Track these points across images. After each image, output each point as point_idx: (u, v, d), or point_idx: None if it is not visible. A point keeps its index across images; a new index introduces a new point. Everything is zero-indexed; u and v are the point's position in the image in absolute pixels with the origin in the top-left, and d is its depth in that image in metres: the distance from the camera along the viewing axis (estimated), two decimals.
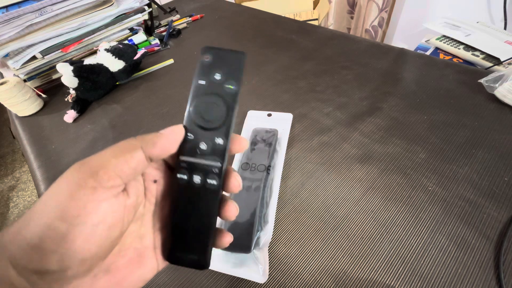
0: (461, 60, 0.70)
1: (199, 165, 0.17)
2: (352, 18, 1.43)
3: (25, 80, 0.59)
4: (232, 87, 0.17)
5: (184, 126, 0.17)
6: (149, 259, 0.17)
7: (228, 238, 0.18)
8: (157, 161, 0.17)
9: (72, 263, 0.13)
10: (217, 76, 0.17)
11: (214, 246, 0.18)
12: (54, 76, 0.63)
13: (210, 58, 0.18)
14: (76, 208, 0.13)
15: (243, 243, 0.29)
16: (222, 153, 0.17)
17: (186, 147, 0.17)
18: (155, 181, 0.18)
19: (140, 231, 0.17)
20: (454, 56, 0.71)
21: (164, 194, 0.18)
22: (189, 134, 0.17)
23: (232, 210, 0.18)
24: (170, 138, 0.16)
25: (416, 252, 0.28)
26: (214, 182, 0.17)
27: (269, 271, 0.28)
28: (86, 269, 0.14)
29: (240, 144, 0.18)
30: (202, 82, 0.17)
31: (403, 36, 1.32)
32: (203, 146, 0.17)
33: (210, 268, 0.28)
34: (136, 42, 0.69)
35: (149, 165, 0.16)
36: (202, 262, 0.17)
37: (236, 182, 0.18)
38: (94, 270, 0.14)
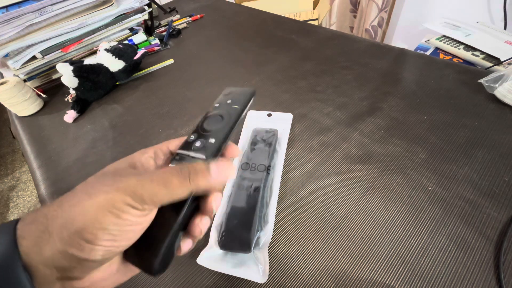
0: (461, 60, 0.70)
1: (188, 157, 0.19)
2: (355, 17, 1.43)
3: (25, 80, 0.59)
4: (237, 107, 0.22)
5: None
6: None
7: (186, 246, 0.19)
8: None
9: (112, 255, 0.16)
10: (228, 101, 0.22)
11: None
12: (54, 76, 0.63)
13: (228, 92, 0.23)
14: (127, 220, 0.15)
15: (243, 243, 0.29)
16: (211, 150, 0.19)
17: (184, 145, 0.20)
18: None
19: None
20: (454, 56, 0.71)
21: None
22: (192, 135, 0.20)
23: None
24: (219, 182, 0.18)
25: (416, 252, 0.28)
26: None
27: (269, 271, 0.28)
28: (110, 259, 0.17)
29: (232, 151, 0.21)
30: (216, 105, 0.22)
31: (403, 36, 1.32)
32: (197, 143, 0.20)
33: (210, 268, 0.28)
34: (136, 42, 0.69)
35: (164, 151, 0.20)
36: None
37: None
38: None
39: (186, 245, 0.19)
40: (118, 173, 0.17)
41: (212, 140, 0.20)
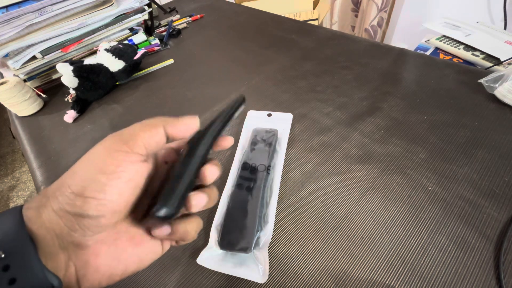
0: (461, 60, 0.70)
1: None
2: (356, 16, 1.43)
3: (25, 80, 0.59)
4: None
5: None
6: (146, 242, 0.19)
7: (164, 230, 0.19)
8: (171, 142, 0.20)
9: (106, 212, 0.16)
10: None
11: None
12: (54, 76, 0.63)
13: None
14: (113, 165, 0.16)
15: (243, 243, 0.29)
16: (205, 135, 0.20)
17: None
18: (166, 162, 0.21)
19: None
20: (454, 56, 0.71)
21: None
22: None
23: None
24: (187, 124, 0.19)
25: (416, 252, 0.28)
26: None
27: (269, 271, 0.28)
28: (114, 223, 0.17)
29: (226, 141, 0.21)
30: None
31: (403, 36, 1.32)
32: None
33: (210, 268, 0.29)
34: (136, 42, 0.69)
35: (165, 145, 0.19)
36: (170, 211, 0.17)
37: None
38: (116, 228, 0.17)
39: (199, 199, 0.18)
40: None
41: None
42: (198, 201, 0.18)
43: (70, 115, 0.52)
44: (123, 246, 0.17)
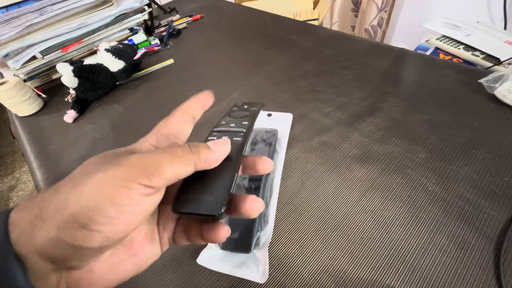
0: (461, 60, 0.70)
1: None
2: (356, 16, 1.43)
3: (25, 80, 0.59)
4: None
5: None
6: (156, 237, 0.18)
7: (224, 232, 0.19)
8: None
9: (111, 243, 0.14)
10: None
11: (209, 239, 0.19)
12: (54, 76, 0.63)
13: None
14: (127, 199, 0.14)
15: (243, 243, 0.29)
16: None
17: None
18: None
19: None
20: (454, 56, 0.71)
21: None
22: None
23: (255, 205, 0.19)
24: (220, 156, 0.18)
25: (416, 252, 0.28)
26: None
27: (269, 271, 0.28)
28: (115, 244, 0.15)
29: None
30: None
31: (403, 36, 1.32)
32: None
33: (210, 268, 0.29)
34: (136, 42, 0.69)
35: None
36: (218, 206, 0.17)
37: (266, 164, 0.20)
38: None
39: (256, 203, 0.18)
40: (118, 154, 0.16)
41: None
42: (255, 206, 0.18)
43: (70, 115, 0.52)
44: (120, 258, 0.16)
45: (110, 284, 0.16)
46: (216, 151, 0.17)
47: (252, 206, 0.18)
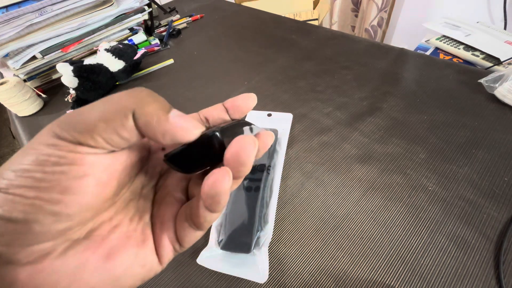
0: (461, 60, 0.70)
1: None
2: (356, 16, 1.43)
3: (25, 80, 0.59)
4: None
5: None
6: (150, 241, 0.14)
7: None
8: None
9: (40, 216, 0.10)
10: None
11: None
12: (54, 76, 0.63)
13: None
14: (56, 156, 0.11)
15: (243, 243, 0.29)
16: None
17: None
18: (163, 149, 0.16)
19: (138, 204, 0.15)
20: (454, 56, 0.71)
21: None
22: None
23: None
24: (179, 133, 0.12)
25: (416, 252, 0.28)
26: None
27: (269, 271, 0.28)
28: (61, 229, 0.11)
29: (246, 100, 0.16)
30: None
31: (403, 36, 1.32)
32: None
33: (210, 268, 0.29)
34: (136, 42, 0.69)
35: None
36: None
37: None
38: (72, 234, 0.12)
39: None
40: None
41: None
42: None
43: None
44: (81, 258, 0.12)
45: None
46: (173, 123, 0.12)
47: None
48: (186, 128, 0.12)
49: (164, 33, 0.74)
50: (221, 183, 0.12)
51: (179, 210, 0.15)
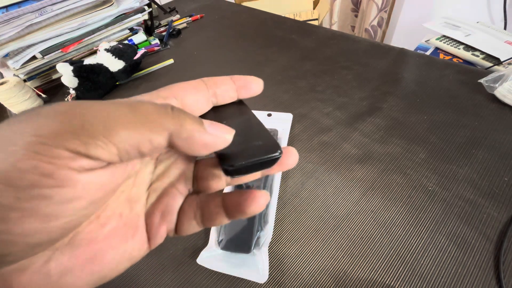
0: (461, 60, 0.70)
1: None
2: (356, 16, 1.43)
3: (25, 80, 0.59)
4: None
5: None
6: (140, 231, 0.13)
7: (265, 196, 0.14)
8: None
9: (13, 250, 0.08)
10: None
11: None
12: (54, 76, 0.63)
13: None
14: (37, 174, 0.08)
15: (243, 243, 0.29)
16: None
17: None
18: None
19: (131, 193, 0.13)
20: (454, 56, 0.71)
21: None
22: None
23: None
24: (213, 143, 0.12)
25: (416, 252, 0.28)
26: None
27: (269, 271, 0.28)
28: (40, 249, 0.10)
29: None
30: None
31: (403, 36, 1.32)
32: None
33: (210, 268, 0.29)
34: (136, 42, 0.69)
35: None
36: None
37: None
38: (52, 247, 0.10)
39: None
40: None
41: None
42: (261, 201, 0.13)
43: None
44: (64, 265, 0.10)
45: None
46: (211, 134, 0.11)
47: (257, 202, 0.13)
48: (222, 136, 0.12)
49: (164, 33, 0.74)
50: (261, 208, 0.13)
51: (183, 203, 0.14)
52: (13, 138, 0.08)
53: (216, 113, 0.15)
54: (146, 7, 0.69)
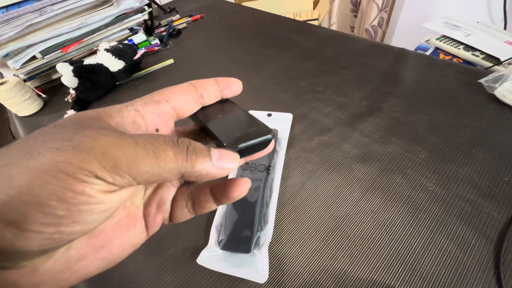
0: (461, 60, 0.70)
1: None
2: (355, 16, 1.43)
3: (25, 80, 0.59)
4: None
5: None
6: (140, 221, 0.15)
7: (246, 183, 0.16)
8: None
9: (61, 244, 0.11)
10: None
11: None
12: (54, 76, 0.63)
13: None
14: (81, 195, 0.10)
15: (243, 243, 0.29)
16: None
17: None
18: (157, 130, 0.15)
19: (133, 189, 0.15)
20: (454, 56, 0.71)
21: None
22: None
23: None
24: (220, 175, 0.13)
25: (416, 252, 0.28)
26: None
27: (269, 271, 0.28)
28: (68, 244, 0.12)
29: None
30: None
31: (403, 36, 1.32)
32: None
33: (210, 268, 0.29)
34: (136, 42, 0.69)
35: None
36: None
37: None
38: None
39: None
40: (82, 125, 0.11)
41: None
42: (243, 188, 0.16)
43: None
44: (79, 253, 0.12)
45: (65, 284, 0.12)
46: (218, 169, 0.13)
47: (241, 188, 0.15)
48: (227, 169, 0.13)
49: (164, 33, 0.74)
50: (244, 192, 0.15)
51: (175, 194, 0.16)
52: (63, 168, 0.10)
53: (208, 111, 0.17)
54: (146, 7, 0.69)
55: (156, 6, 0.85)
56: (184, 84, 0.16)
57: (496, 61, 0.63)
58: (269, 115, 0.43)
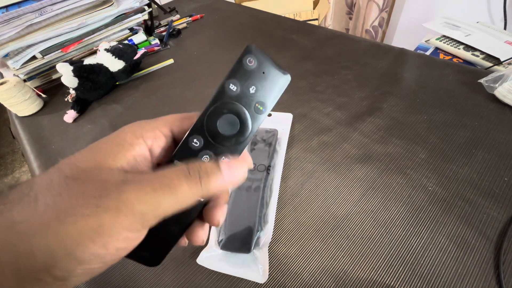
0: (461, 60, 0.70)
1: None
2: (350, 19, 1.43)
3: (25, 80, 0.59)
4: (262, 108, 0.17)
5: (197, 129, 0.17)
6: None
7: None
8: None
9: (89, 276, 0.13)
10: (252, 90, 0.17)
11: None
12: (54, 76, 0.63)
13: (254, 64, 0.16)
14: (114, 249, 0.12)
15: (243, 243, 0.29)
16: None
17: (185, 150, 0.16)
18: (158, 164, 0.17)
19: None
20: (454, 56, 0.71)
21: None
22: (195, 139, 0.16)
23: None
24: (233, 184, 0.15)
25: (416, 252, 0.28)
26: None
27: (269, 271, 0.28)
28: None
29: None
30: (233, 87, 0.17)
31: (403, 36, 1.32)
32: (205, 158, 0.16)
33: (210, 268, 0.28)
34: (136, 42, 0.69)
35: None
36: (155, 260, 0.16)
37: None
38: None
39: (183, 242, 0.18)
40: (102, 181, 0.13)
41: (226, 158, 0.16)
42: (183, 243, 0.17)
43: (70, 115, 0.52)
44: (92, 267, 0.13)
45: None
46: (232, 184, 0.15)
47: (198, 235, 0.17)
48: (240, 177, 0.15)
49: (164, 33, 0.74)
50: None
51: None
52: (99, 231, 0.12)
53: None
54: (146, 7, 0.69)
55: (156, 6, 0.85)
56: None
57: (496, 61, 0.63)
58: (269, 115, 0.43)
